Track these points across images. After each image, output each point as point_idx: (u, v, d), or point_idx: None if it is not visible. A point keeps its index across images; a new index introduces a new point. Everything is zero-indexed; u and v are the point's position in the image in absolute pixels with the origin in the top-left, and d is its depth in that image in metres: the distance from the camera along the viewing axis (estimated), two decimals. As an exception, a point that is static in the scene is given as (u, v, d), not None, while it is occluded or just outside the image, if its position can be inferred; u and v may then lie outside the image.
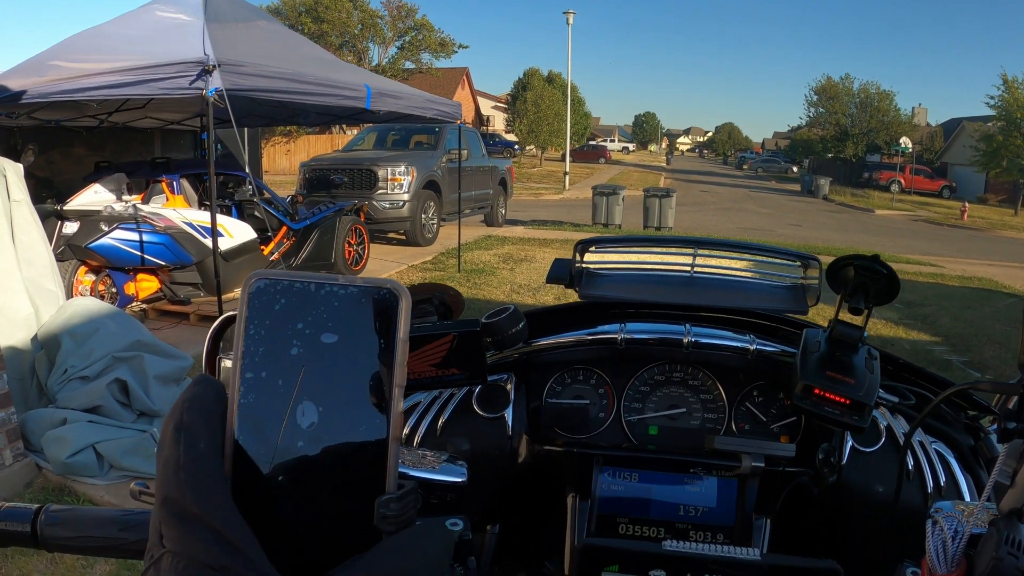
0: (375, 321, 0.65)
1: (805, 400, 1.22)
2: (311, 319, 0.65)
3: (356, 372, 0.65)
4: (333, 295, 0.66)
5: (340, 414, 0.65)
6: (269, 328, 0.65)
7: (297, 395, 0.65)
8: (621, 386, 1.58)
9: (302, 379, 0.65)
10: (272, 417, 0.65)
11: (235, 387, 0.66)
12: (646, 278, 1.66)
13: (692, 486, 1.42)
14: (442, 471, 1.10)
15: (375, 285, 0.66)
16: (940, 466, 1.36)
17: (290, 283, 0.66)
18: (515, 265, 12.62)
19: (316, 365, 0.65)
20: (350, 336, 0.65)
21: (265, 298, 0.66)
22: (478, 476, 1.18)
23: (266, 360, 0.65)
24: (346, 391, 0.65)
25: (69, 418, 4.86)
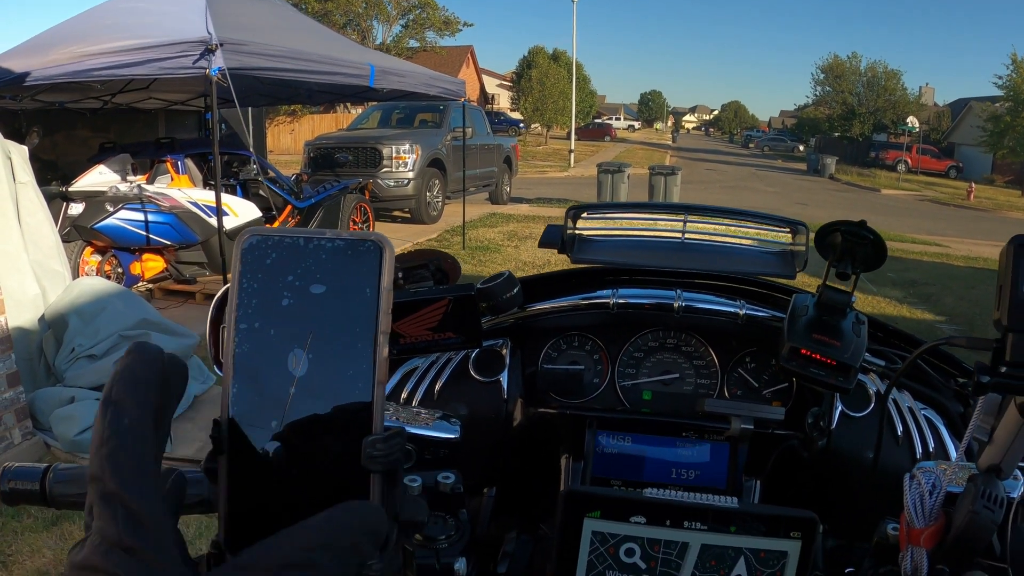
0: (361, 271, 0.68)
1: (791, 361, 1.23)
2: (300, 271, 0.68)
3: (343, 320, 0.68)
4: (321, 248, 0.69)
5: (329, 360, 0.68)
6: (261, 281, 0.68)
7: (288, 343, 0.68)
8: (615, 352, 1.60)
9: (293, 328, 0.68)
10: (265, 365, 0.68)
11: (230, 338, 0.69)
12: (637, 243, 1.68)
13: (684, 449, 1.44)
14: (435, 428, 1.13)
15: (360, 237, 0.69)
16: (929, 431, 1.39)
17: (280, 238, 0.69)
18: (520, 242, 12.63)
19: (306, 315, 0.68)
20: (337, 286, 0.68)
21: (257, 253, 0.69)
22: (474, 439, 1.21)
23: (259, 311, 0.68)
24: (334, 339, 0.68)
25: (77, 396, 4.90)
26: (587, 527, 0.88)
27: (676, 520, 0.87)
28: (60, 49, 6.95)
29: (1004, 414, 0.88)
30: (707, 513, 0.87)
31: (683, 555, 0.88)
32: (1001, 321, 0.81)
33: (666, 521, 0.87)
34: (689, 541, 0.88)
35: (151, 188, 8.26)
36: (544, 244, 1.60)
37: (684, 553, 0.88)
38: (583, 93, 58.23)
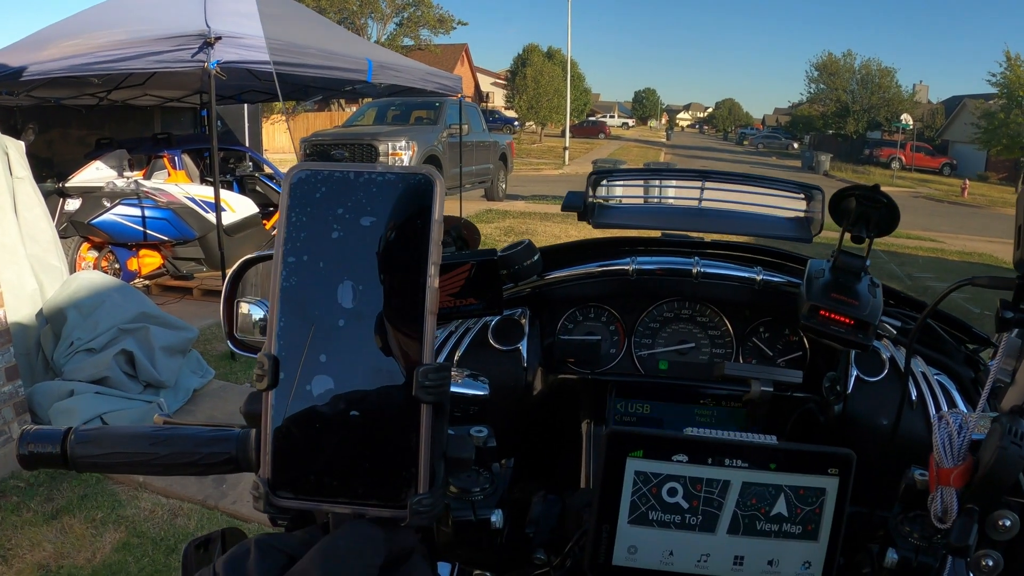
0: (411, 204, 0.68)
1: (811, 319, 1.25)
2: (350, 204, 0.68)
3: (393, 252, 0.68)
4: (371, 182, 0.69)
5: (378, 292, 0.68)
6: (310, 215, 0.69)
7: (338, 275, 0.68)
8: (631, 322, 1.62)
9: (343, 260, 0.68)
10: (314, 297, 0.68)
11: (277, 271, 0.68)
12: (656, 210, 1.69)
13: (703, 416, 1.46)
14: (464, 385, 1.13)
15: (410, 171, 0.69)
16: (942, 396, 1.40)
17: (330, 172, 0.69)
18: (516, 238, 12.59)
19: (356, 247, 0.68)
20: (387, 218, 0.68)
21: (306, 188, 0.69)
22: (495, 407, 1.21)
23: (307, 244, 0.68)
24: (384, 270, 0.68)
25: (76, 390, 4.90)
26: (630, 467, 0.89)
27: (717, 458, 0.88)
28: (57, 44, 6.95)
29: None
30: (748, 450, 0.88)
31: (725, 493, 0.89)
32: (1023, 261, 0.81)
33: (708, 459, 0.88)
34: (731, 479, 0.89)
35: (148, 184, 8.24)
36: (567, 208, 1.60)
37: (726, 491, 0.89)
38: (577, 91, 58.21)
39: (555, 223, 14.09)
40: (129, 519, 4.10)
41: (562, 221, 14.22)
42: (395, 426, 0.68)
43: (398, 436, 0.68)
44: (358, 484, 0.69)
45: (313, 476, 0.69)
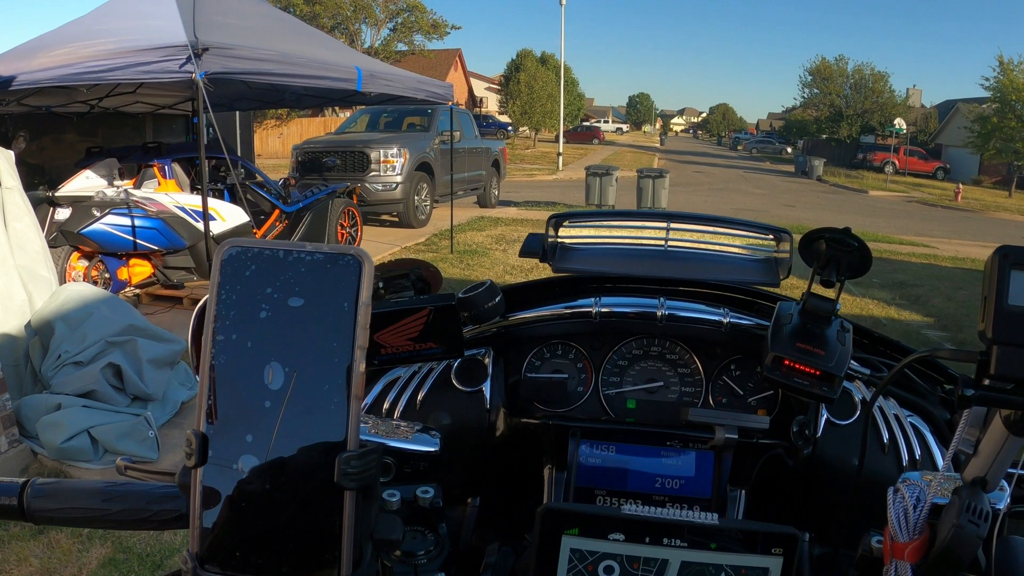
0: (338, 286, 0.68)
1: (775, 371, 1.23)
2: (279, 284, 0.69)
3: (321, 334, 0.68)
4: (300, 261, 0.69)
5: (305, 374, 0.68)
6: (240, 293, 0.69)
7: (265, 356, 0.68)
8: (599, 360, 1.59)
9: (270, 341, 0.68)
10: (242, 377, 0.68)
11: (207, 348, 0.68)
12: (620, 251, 1.67)
13: (669, 458, 1.43)
14: (415, 441, 1.12)
15: (339, 251, 0.69)
16: (915, 438, 1.38)
17: (259, 250, 0.69)
18: (508, 246, 12.62)
19: (284, 328, 0.68)
20: (315, 300, 0.68)
21: (236, 264, 0.69)
22: (457, 449, 1.20)
23: (237, 323, 0.68)
24: (311, 352, 0.68)
25: (64, 403, 4.87)
26: (565, 544, 0.88)
27: (655, 537, 0.86)
28: (47, 53, 6.95)
29: (989, 426, 0.87)
30: (687, 530, 0.86)
31: (663, 572, 0.87)
32: (986, 333, 0.81)
33: (645, 538, 0.86)
34: (669, 558, 0.87)
35: (138, 193, 8.23)
36: (525, 253, 1.59)
37: (664, 570, 0.87)
38: (571, 96, 58.29)
39: (548, 230, 14.07)
40: (115, 535, 4.08)
41: (554, 229, 14.20)
42: (318, 510, 0.68)
43: (321, 520, 0.69)
44: (283, 564, 0.69)
45: (240, 553, 0.69)
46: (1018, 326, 0.79)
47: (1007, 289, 0.80)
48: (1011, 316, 0.79)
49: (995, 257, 0.81)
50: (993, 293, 0.80)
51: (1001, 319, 0.79)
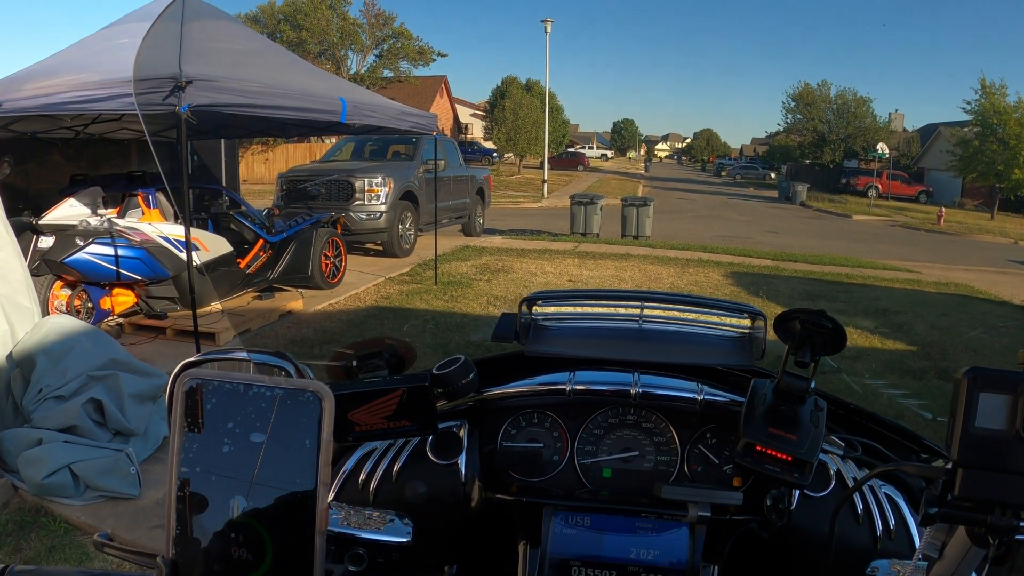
0: (299, 423, 0.69)
1: (747, 458, 1.24)
2: (241, 418, 0.69)
3: (284, 470, 0.69)
4: (261, 396, 0.69)
5: (270, 509, 0.68)
6: (202, 426, 0.69)
7: (229, 490, 0.68)
8: (575, 429, 1.60)
9: (234, 475, 0.68)
10: (207, 509, 0.68)
11: (171, 481, 0.69)
12: (594, 331, 1.69)
13: (644, 531, 1.44)
14: (387, 531, 1.13)
15: (299, 387, 0.69)
16: (890, 509, 1.39)
17: (220, 383, 0.70)
18: (492, 276, 12.63)
19: (246, 462, 0.68)
20: (278, 436, 0.69)
21: (198, 397, 0.69)
22: (433, 521, 1.20)
23: (200, 456, 0.69)
24: (274, 487, 0.68)
25: (44, 438, 4.84)
26: None
27: None
28: (33, 83, 6.95)
29: (954, 533, 0.89)
30: None
31: None
32: (952, 455, 0.82)
33: None
34: None
35: (122, 222, 8.21)
36: (497, 338, 1.61)
37: None
38: (556, 122, 58.47)
39: (531, 260, 14.11)
40: (96, 572, 4.05)
41: (538, 258, 14.26)
42: None
43: None
44: None
45: None
46: (983, 450, 0.80)
47: (975, 412, 0.81)
48: (977, 440, 0.81)
49: (964, 379, 0.82)
50: (960, 415, 0.81)
51: (967, 443, 0.81)
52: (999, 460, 0.81)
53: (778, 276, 14.04)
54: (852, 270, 15.29)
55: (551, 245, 16.48)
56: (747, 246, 18.37)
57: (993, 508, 0.82)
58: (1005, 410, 0.81)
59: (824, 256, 17.25)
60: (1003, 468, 0.81)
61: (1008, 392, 0.81)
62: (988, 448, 0.81)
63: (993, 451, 0.81)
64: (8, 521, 4.51)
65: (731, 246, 17.62)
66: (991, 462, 0.81)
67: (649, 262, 14.50)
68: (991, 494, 0.82)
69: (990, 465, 0.81)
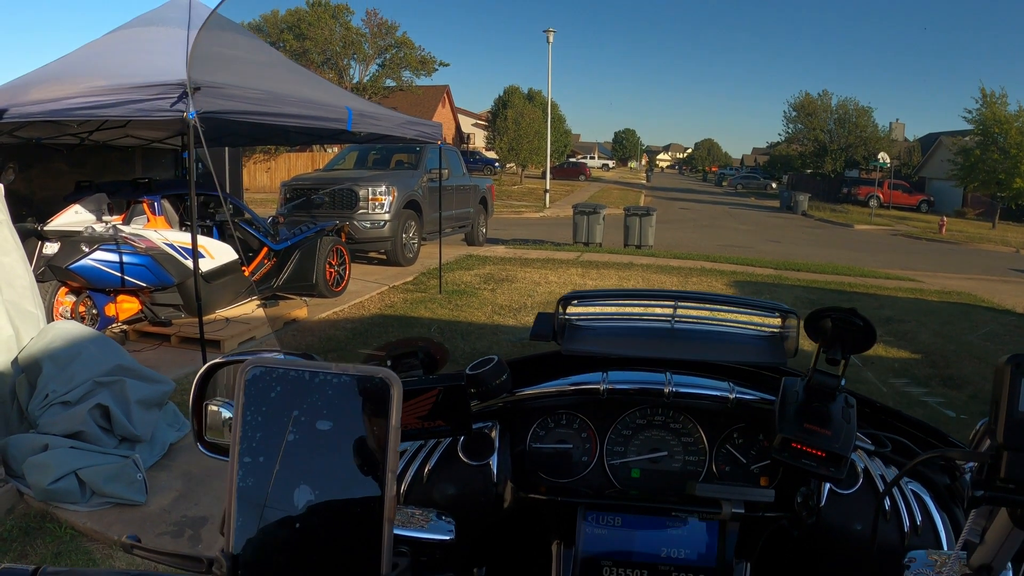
0: (368, 410, 0.68)
1: (783, 453, 1.25)
2: (306, 406, 0.68)
3: (350, 458, 0.67)
4: (327, 383, 0.68)
5: (335, 498, 0.67)
6: (265, 415, 0.68)
7: (294, 479, 0.67)
8: (604, 430, 1.60)
9: (299, 464, 0.67)
10: (270, 501, 0.67)
11: (233, 471, 0.68)
12: (627, 331, 1.69)
13: (674, 530, 1.44)
14: (430, 529, 1.13)
15: (368, 374, 0.68)
16: (916, 506, 1.39)
17: (285, 371, 0.69)
18: (496, 285, 12.59)
19: (312, 451, 0.67)
20: (344, 423, 0.68)
21: (261, 385, 0.69)
22: (464, 522, 1.20)
23: (263, 445, 0.68)
24: (340, 476, 0.67)
25: (51, 444, 4.83)
26: None
27: None
28: (39, 88, 6.95)
29: (995, 518, 0.90)
30: None
31: None
32: (997, 438, 0.83)
33: None
34: None
35: (127, 229, 8.23)
36: (536, 336, 1.62)
37: None
38: (558, 132, 58.24)
39: (535, 269, 14.07)
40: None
41: (542, 267, 14.21)
42: None
43: None
44: None
45: None
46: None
47: (1019, 396, 0.82)
48: (1021, 424, 0.81)
49: (1007, 366, 0.84)
50: (1004, 400, 0.82)
51: (1012, 426, 0.82)
52: None
53: (781, 285, 14.02)
54: (855, 279, 15.26)
55: (554, 255, 16.45)
56: (749, 255, 18.32)
57: None
58: None
59: (826, 265, 17.21)
60: None
61: None
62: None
63: None
64: (14, 526, 4.50)
65: (734, 255, 17.59)
66: None
67: (652, 271, 14.47)
68: None
69: None
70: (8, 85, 7.67)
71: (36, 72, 8.03)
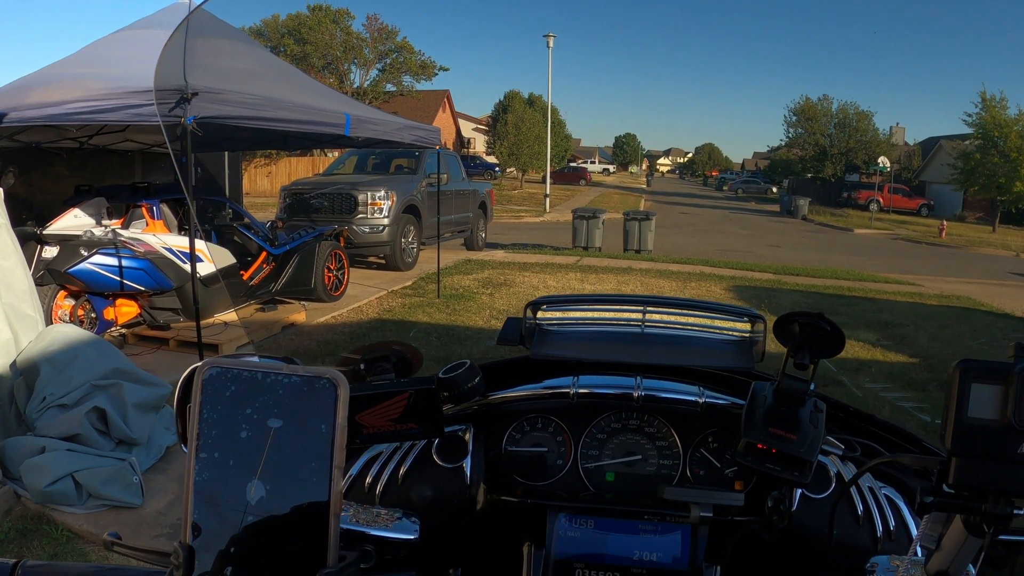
0: (315, 408, 0.71)
1: (747, 457, 1.26)
2: (258, 405, 0.72)
3: (299, 454, 0.71)
4: (278, 383, 0.72)
5: (286, 493, 0.71)
6: (221, 412, 0.72)
7: (246, 474, 0.70)
8: (578, 434, 1.61)
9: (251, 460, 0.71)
10: (224, 494, 0.71)
11: (191, 464, 0.71)
12: (597, 335, 1.70)
13: (646, 533, 1.46)
14: (395, 529, 1.15)
15: (315, 374, 0.72)
16: (889, 510, 1.40)
17: (239, 371, 0.73)
18: (495, 290, 12.62)
19: (263, 447, 0.71)
20: (294, 421, 0.72)
21: (217, 384, 0.72)
22: (438, 524, 1.22)
23: (218, 442, 0.71)
24: (290, 472, 0.71)
25: (47, 446, 4.85)
26: None
27: None
28: (38, 92, 6.97)
29: (950, 524, 0.91)
30: None
31: None
32: (945, 444, 0.84)
33: None
34: None
35: (126, 233, 8.24)
36: (502, 341, 1.63)
37: None
38: (558, 137, 58.41)
39: (534, 273, 14.10)
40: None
41: (541, 272, 14.24)
42: None
43: None
44: None
45: None
46: (976, 438, 0.82)
47: (967, 402, 0.83)
48: (970, 429, 0.83)
49: (956, 370, 0.84)
50: (953, 405, 0.83)
51: (960, 432, 0.83)
52: (992, 449, 0.83)
53: (780, 290, 14.03)
54: (854, 283, 15.27)
55: (553, 259, 16.47)
56: (749, 260, 18.33)
57: (987, 496, 0.84)
58: (996, 400, 0.83)
59: (826, 269, 17.23)
60: (996, 457, 0.83)
61: (999, 382, 0.82)
62: (981, 437, 0.82)
63: (986, 440, 0.83)
64: (10, 528, 4.52)
65: (733, 260, 17.60)
66: (984, 451, 0.83)
67: (651, 276, 14.49)
68: (985, 482, 0.84)
69: (983, 454, 0.83)
70: (7, 87, 7.69)
71: (35, 74, 8.05)
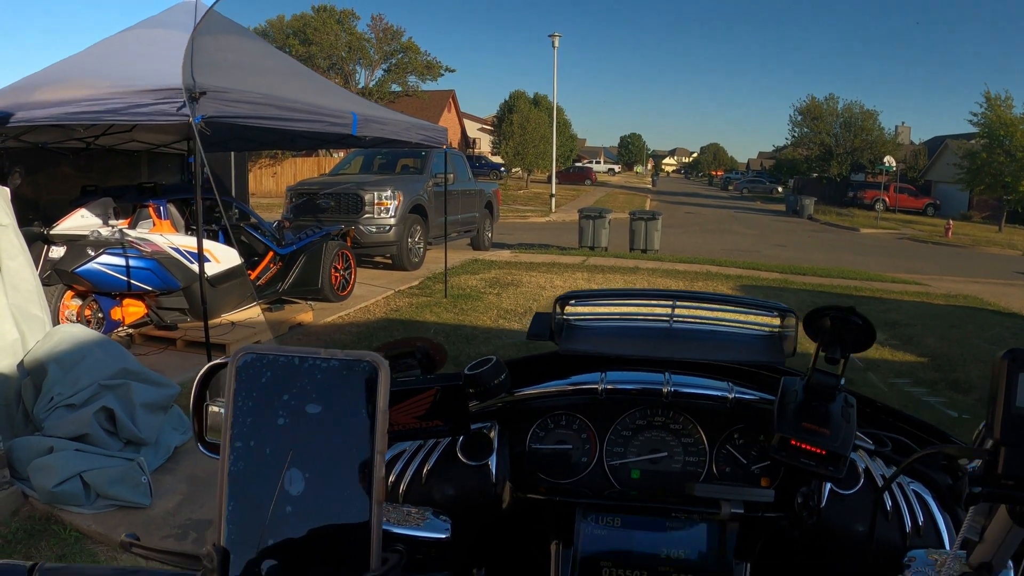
0: (356, 392, 0.68)
1: (781, 452, 1.24)
2: (296, 391, 0.68)
3: (340, 441, 0.68)
4: (316, 368, 0.69)
5: (326, 481, 0.68)
6: (256, 399, 0.68)
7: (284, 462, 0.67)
8: (603, 431, 1.59)
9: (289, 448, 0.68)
10: (261, 484, 0.68)
11: (225, 456, 0.68)
12: (625, 330, 1.68)
13: (674, 530, 1.44)
14: (426, 528, 1.13)
15: (355, 358, 0.69)
16: (918, 506, 1.38)
17: (275, 357, 0.70)
18: (502, 290, 12.59)
19: (302, 434, 0.68)
20: (333, 407, 0.68)
21: (252, 371, 0.69)
22: (463, 522, 1.20)
23: (254, 430, 0.68)
24: (331, 459, 0.68)
25: (55, 446, 4.84)
26: None
27: None
28: (43, 91, 6.97)
29: (994, 516, 0.89)
30: None
31: None
32: (994, 434, 0.82)
33: None
34: None
35: (133, 233, 8.24)
36: (532, 336, 1.61)
37: None
38: (564, 137, 58.29)
39: (540, 273, 14.06)
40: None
41: (547, 271, 14.20)
42: None
43: None
44: None
45: None
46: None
47: (1015, 392, 0.81)
48: (1019, 418, 0.81)
49: (1004, 361, 0.83)
50: (1001, 395, 0.82)
51: (1009, 422, 0.82)
52: None
53: (787, 289, 13.98)
54: (861, 283, 15.23)
55: (560, 259, 16.43)
56: (755, 259, 18.28)
57: None
58: None
59: (832, 269, 17.17)
60: None
61: None
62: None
63: None
64: (18, 529, 4.51)
65: (739, 259, 17.54)
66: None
67: (658, 275, 14.45)
68: None
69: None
70: (13, 86, 7.69)
71: (41, 73, 8.05)
